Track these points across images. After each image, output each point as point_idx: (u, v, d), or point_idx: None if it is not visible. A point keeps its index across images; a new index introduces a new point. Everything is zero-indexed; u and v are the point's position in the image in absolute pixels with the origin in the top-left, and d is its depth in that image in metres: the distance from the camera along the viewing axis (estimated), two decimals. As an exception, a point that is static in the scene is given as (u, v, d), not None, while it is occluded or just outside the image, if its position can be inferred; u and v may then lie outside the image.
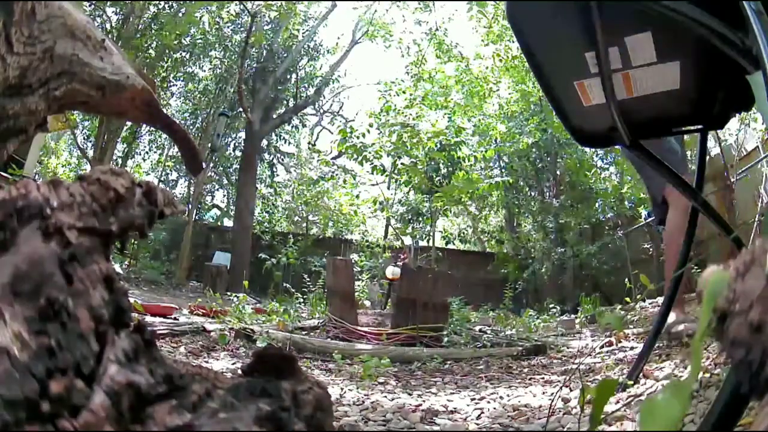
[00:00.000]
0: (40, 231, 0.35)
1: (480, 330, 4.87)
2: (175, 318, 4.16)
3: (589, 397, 0.98)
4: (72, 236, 0.35)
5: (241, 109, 13.36)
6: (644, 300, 5.14)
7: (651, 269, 8.12)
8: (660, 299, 4.02)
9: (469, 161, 8.56)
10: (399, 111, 8.88)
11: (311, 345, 3.43)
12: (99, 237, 0.37)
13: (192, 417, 0.33)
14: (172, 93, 15.13)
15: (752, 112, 3.91)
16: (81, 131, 13.89)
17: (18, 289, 0.31)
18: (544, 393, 2.10)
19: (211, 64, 15.06)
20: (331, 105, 18.59)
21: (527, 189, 13.73)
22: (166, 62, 12.54)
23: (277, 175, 18.01)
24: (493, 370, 2.95)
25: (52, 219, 0.35)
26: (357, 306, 4.77)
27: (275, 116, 15.17)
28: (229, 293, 7.84)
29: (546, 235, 12.03)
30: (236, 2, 12.88)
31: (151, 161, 16.68)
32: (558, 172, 12.62)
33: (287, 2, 13.26)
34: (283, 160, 18.35)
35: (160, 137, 15.31)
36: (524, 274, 11.79)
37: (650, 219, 7.00)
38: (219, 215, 17.65)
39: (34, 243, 0.34)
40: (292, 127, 17.50)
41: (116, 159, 13.24)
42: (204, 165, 9.88)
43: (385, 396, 2.18)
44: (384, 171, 8.36)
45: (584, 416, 1.30)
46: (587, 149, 10.77)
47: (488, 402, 2.03)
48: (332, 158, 15.26)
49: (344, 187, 13.36)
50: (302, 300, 6.84)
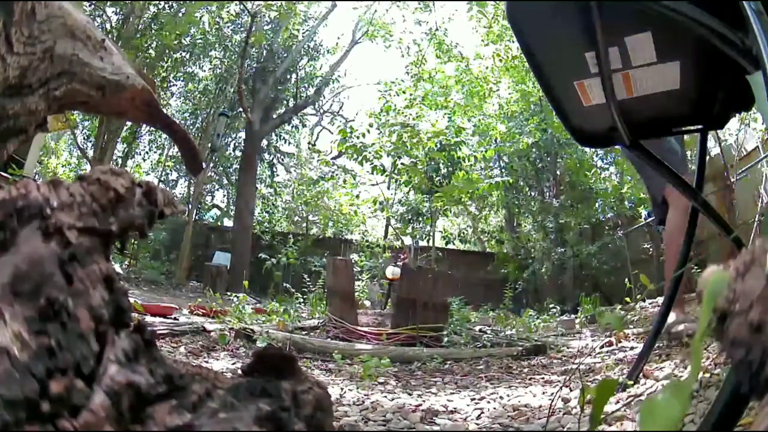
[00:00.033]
0: (40, 231, 0.35)
1: (480, 330, 4.87)
2: (175, 318, 4.16)
3: (589, 397, 0.98)
4: (72, 236, 0.35)
5: (241, 109, 13.36)
6: (644, 300, 5.14)
7: (651, 269, 8.12)
8: (660, 299, 4.02)
9: (469, 161, 8.56)
10: (399, 111, 8.88)
11: (311, 345, 3.43)
12: (99, 237, 0.37)
13: (192, 417, 0.33)
14: (172, 93, 15.14)
15: (752, 112, 3.91)
16: (81, 131, 13.90)
17: (18, 289, 0.31)
18: (544, 393, 2.10)
19: (211, 64, 15.07)
20: (331, 105, 18.61)
21: (527, 189, 13.73)
22: (166, 62, 12.54)
23: (277, 175, 18.04)
24: (493, 370, 2.94)
25: (52, 219, 0.35)
26: (357, 306, 4.77)
27: (275, 116, 15.18)
28: (229, 293, 7.84)
29: (546, 235, 12.03)
30: (236, 2, 12.88)
31: (151, 161, 16.71)
32: (558, 172, 12.63)
33: (287, 2, 13.26)
34: (283, 160, 18.35)
35: (160, 137, 15.31)
36: (524, 274, 11.79)
37: (650, 219, 7.00)
38: (219, 215, 17.66)
39: (34, 243, 0.34)
40: (292, 127, 17.51)
41: (116, 159, 13.25)
42: (204, 165, 9.88)
43: (385, 396, 2.18)
44: (384, 171, 8.36)
45: (584, 416, 1.30)
46: (587, 149, 10.77)
47: (488, 402, 2.03)
48: (332, 158, 15.27)
49: (344, 187, 13.36)
50: (302, 300, 6.84)
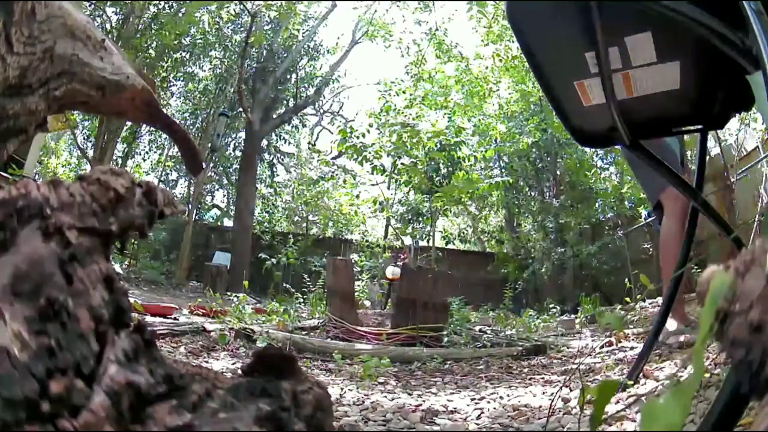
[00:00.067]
0: (40, 231, 0.35)
1: (480, 330, 4.86)
2: (175, 318, 4.16)
3: (589, 397, 0.98)
4: (72, 236, 0.35)
5: (241, 109, 13.36)
6: (644, 300, 5.14)
7: (651, 269, 8.10)
8: (660, 299, 4.02)
9: (469, 161, 8.56)
10: (399, 111, 8.88)
11: (311, 345, 3.43)
12: (99, 237, 0.37)
13: (192, 417, 0.33)
14: (172, 93, 15.15)
15: (752, 112, 3.91)
16: (81, 131, 13.90)
17: (18, 289, 0.31)
18: (544, 393, 2.10)
19: (211, 64, 15.07)
20: (331, 105, 18.61)
21: (527, 189, 13.73)
22: (166, 62, 12.55)
23: (277, 175, 18.04)
24: (493, 370, 2.94)
25: (52, 219, 0.35)
26: (357, 306, 4.77)
27: (275, 116, 15.18)
28: (229, 293, 7.84)
29: (546, 235, 12.03)
30: (236, 2, 12.88)
31: (151, 161, 16.71)
32: (558, 172, 12.63)
33: (287, 2, 13.26)
34: (283, 160, 18.35)
35: (160, 137, 15.31)
36: (524, 274, 11.79)
37: (650, 219, 6.99)
38: (219, 215, 17.66)
39: (34, 243, 0.34)
40: (292, 127, 17.51)
41: (116, 159, 13.25)
42: (204, 165, 9.88)
43: (385, 396, 2.18)
44: (384, 171, 8.36)
45: (584, 416, 1.30)
46: (587, 149, 10.77)
47: (488, 402, 2.03)
48: (332, 158, 15.27)
49: (344, 187, 13.36)
50: (302, 300, 6.84)
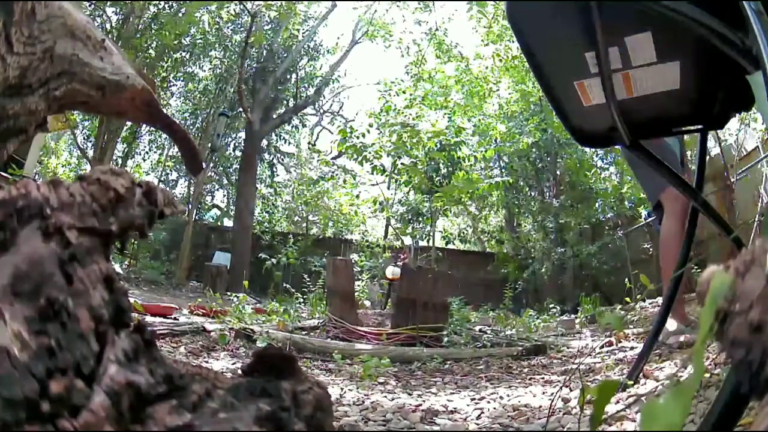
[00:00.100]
0: (40, 231, 0.35)
1: (480, 330, 4.86)
2: (175, 318, 4.16)
3: (589, 398, 0.98)
4: (72, 236, 0.35)
5: (241, 109, 13.36)
6: (644, 300, 5.14)
7: (651, 269, 8.10)
8: (660, 299, 4.02)
9: (469, 161, 8.56)
10: (399, 111, 8.88)
11: (311, 345, 3.43)
12: (99, 237, 0.37)
13: (192, 417, 0.33)
14: (172, 93, 15.15)
15: (752, 112, 3.91)
16: (81, 131, 13.90)
17: (18, 289, 0.31)
18: (544, 393, 2.10)
19: (211, 64, 15.07)
20: (331, 105, 18.62)
21: (527, 189, 13.73)
22: (166, 62, 12.55)
23: (277, 175, 18.04)
24: (493, 370, 2.94)
25: (52, 219, 0.35)
26: (357, 306, 4.76)
27: (275, 116, 15.18)
28: (229, 293, 7.84)
29: (546, 235, 12.03)
30: (236, 2, 12.88)
31: (151, 161, 16.71)
32: (558, 172, 12.63)
33: (287, 2, 13.26)
34: (283, 160, 18.35)
35: (160, 137, 15.32)
36: (524, 274, 11.79)
37: (650, 219, 6.99)
38: (219, 215, 17.66)
39: (34, 243, 0.34)
40: (292, 127, 17.51)
41: (116, 159, 13.25)
42: (204, 165, 9.88)
43: (385, 396, 2.18)
44: (384, 171, 8.36)
45: (584, 416, 1.30)
46: (587, 149, 10.77)
47: (488, 402, 2.03)
48: (332, 158, 15.27)
49: (344, 187, 13.37)
50: (302, 300, 6.84)
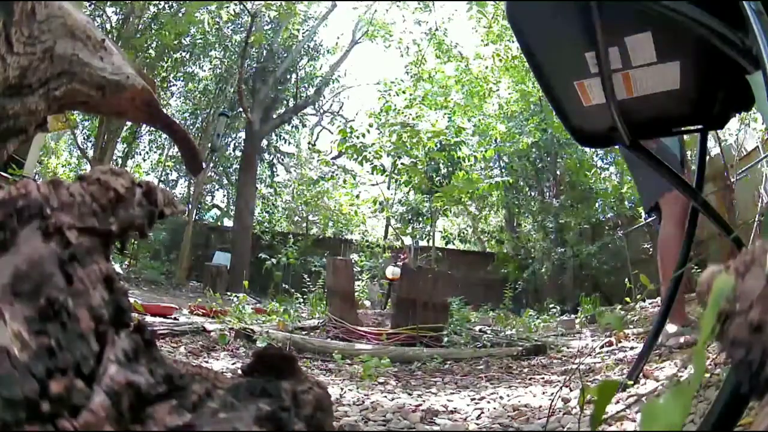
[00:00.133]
0: (40, 231, 0.35)
1: (480, 330, 4.86)
2: (175, 318, 4.16)
3: (589, 397, 0.98)
4: (72, 236, 0.35)
5: (241, 109, 13.36)
6: (644, 300, 5.14)
7: (651, 269, 8.06)
8: (660, 299, 4.02)
9: (469, 161, 8.56)
10: (399, 111, 8.88)
11: (311, 345, 3.43)
12: (99, 237, 0.37)
13: (192, 417, 0.33)
14: (172, 93, 15.14)
15: (752, 112, 3.91)
16: (81, 131, 13.89)
17: (18, 289, 0.31)
18: (544, 393, 2.10)
19: (211, 64, 15.07)
20: (331, 105, 18.61)
21: (527, 189, 13.73)
22: (166, 62, 12.54)
23: (277, 175, 18.04)
24: (493, 370, 2.94)
25: (52, 219, 0.35)
26: (357, 306, 4.76)
27: (275, 116, 15.18)
28: (229, 293, 7.84)
29: (546, 235, 12.03)
30: (236, 2, 12.88)
31: (151, 161, 16.71)
32: (558, 172, 12.63)
33: (287, 2, 13.26)
34: (283, 160, 18.35)
35: (160, 137, 15.31)
36: (524, 274, 11.79)
37: (650, 219, 6.99)
38: (219, 215, 17.66)
39: (34, 243, 0.34)
40: (292, 127, 17.51)
41: (116, 159, 13.24)
42: (204, 165, 9.87)
43: (385, 396, 2.18)
44: (384, 171, 8.36)
45: (584, 416, 1.30)
46: (587, 149, 10.77)
47: (488, 402, 2.03)
48: (332, 158, 15.27)
49: (344, 187, 13.37)
50: (302, 300, 6.84)
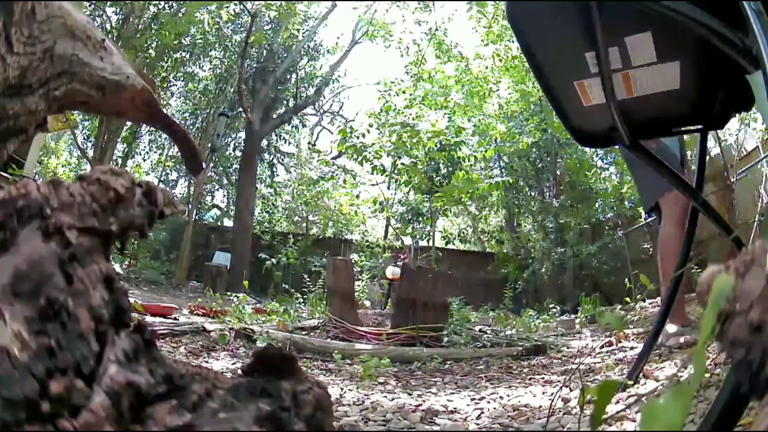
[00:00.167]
0: (40, 231, 0.35)
1: (480, 330, 4.86)
2: (175, 318, 4.16)
3: (589, 397, 0.98)
4: (72, 236, 0.35)
5: (241, 109, 13.36)
6: (644, 300, 5.14)
7: (651, 269, 8.06)
8: (660, 299, 4.02)
9: (469, 161, 8.56)
10: (399, 111, 8.88)
11: (311, 345, 3.43)
12: (99, 237, 0.37)
13: (192, 417, 0.33)
14: (172, 93, 15.14)
15: (752, 112, 3.91)
16: (81, 131, 13.89)
17: (18, 289, 0.31)
18: (544, 393, 2.10)
19: (211, 64, 15.07)
20: (331, 105, 18.61)
21: (527, 189, 13.73)
22: (166, 62, 12.54)
23: (277, 175, 18.04)
24: (493, 370, 2.94)
25: (52, 219, 0.35)
26: (357, 306, 4.76)
27: (275, 116, 15.17)
28: (229, 293, 7.84)
29: (546, 235, 12.03)
30: (236, 2, 12.88)
31: (151, 161, 16.71)
32: (558, 172, 12.63)
33: (287, 2, 13.26)
34: (283, 160, 18.35)
35: (160, 137, 15.31)
36: (524, 274, 11.79)
37: (650, 219, 6.98)
38: (219, 215, 17.65)
39: (34, 243, 0.34)
40: (292, 127, 17.51)
41: (116, 159, 13.24)
42: (204, 165, 9.87)
43: (385, 396, 2.18)
44: (384, 171, 8.36)
45: (584, 416, 1.30)
46: (587, 149, 10.77)
47: (488, 402, 2.03)
48: (332, 158, 15.27)
49: (344, 187, 13.37)
50: (302, 300, 6.84)
